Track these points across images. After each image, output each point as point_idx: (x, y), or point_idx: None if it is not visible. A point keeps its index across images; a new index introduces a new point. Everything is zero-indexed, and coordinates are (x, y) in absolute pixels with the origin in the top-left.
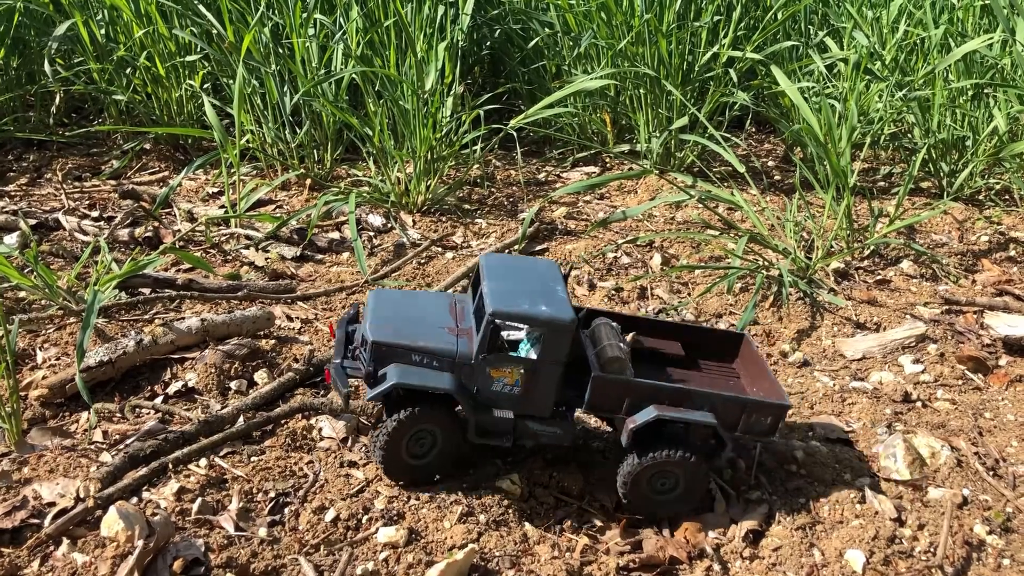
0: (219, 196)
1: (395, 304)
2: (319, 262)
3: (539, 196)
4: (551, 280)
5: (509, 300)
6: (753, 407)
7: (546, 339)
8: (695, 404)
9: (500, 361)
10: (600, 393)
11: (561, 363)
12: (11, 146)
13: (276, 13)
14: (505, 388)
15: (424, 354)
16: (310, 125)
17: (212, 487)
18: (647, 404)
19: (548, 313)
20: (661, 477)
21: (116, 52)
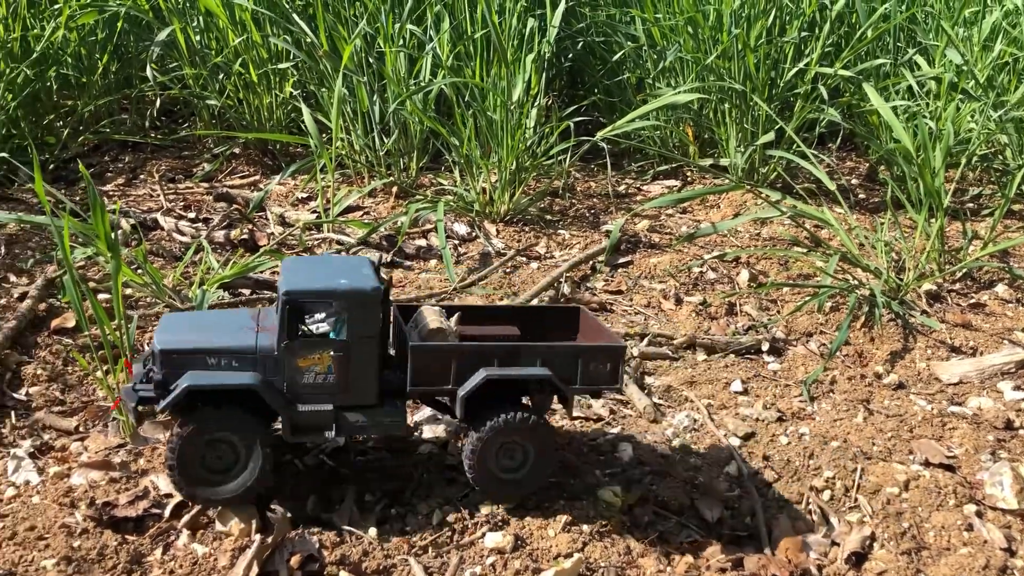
0: (308, 201)
1: (187, 318)
2: (408, 268)
3: (620, 208)
4: (356, 265)
5: (305, 280)
6: (586, 353)
7: (351, 313)
8: (526, 361)
9: (306, 347)
10: (422, 366)
11: (373, 338)
12: (107, 148)
13: (369, 23)
14: (318, 378)
15: (220, 355)
16: (398, 134)
17: (324, 485)
18: (477, 370)
19: (347, 284)
20: (508, 452)
21: (212, 58)
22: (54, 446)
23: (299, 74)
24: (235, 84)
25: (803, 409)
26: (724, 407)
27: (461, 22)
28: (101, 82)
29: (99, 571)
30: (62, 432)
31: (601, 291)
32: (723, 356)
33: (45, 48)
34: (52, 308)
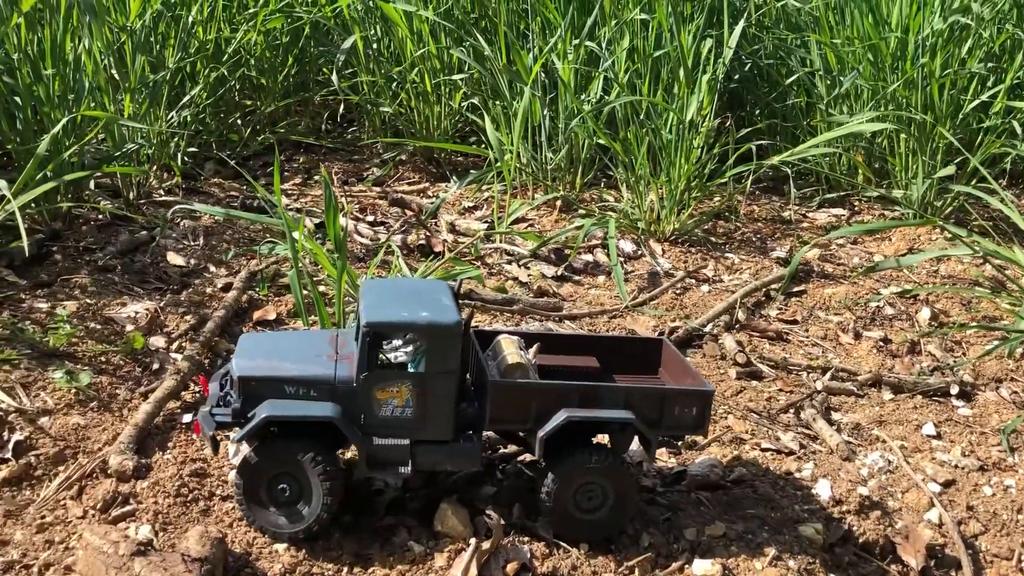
0: (474, 210)
1: (266, 341)
2: (577, 283)
3: (787, 235)
4: (436, 293)
5: (386, 310)
6: (672, 397)
7: (430, 347)
8: (609, 402)
9: (384, 379)
10: (501, 403)
11: (452, 373)
12: (282, 148)
13: (543, 38)
14: (395, 411)
15: (298, 384)
16: (567, 148)
17: (525, 493)
18: (557, 409)
19: (428, 318)
20: (587, 491)
21: (390, 67)
22: None
23: (468, 86)
24: (408, 93)
25: (1003, 459)
26: (918, 450)
27: (636, 41)
28: (281, 85)
29: (326, 560)
30: None
31: (775, 319)
32: (910, 396)
33: (236, 50)
34: (253, 300)
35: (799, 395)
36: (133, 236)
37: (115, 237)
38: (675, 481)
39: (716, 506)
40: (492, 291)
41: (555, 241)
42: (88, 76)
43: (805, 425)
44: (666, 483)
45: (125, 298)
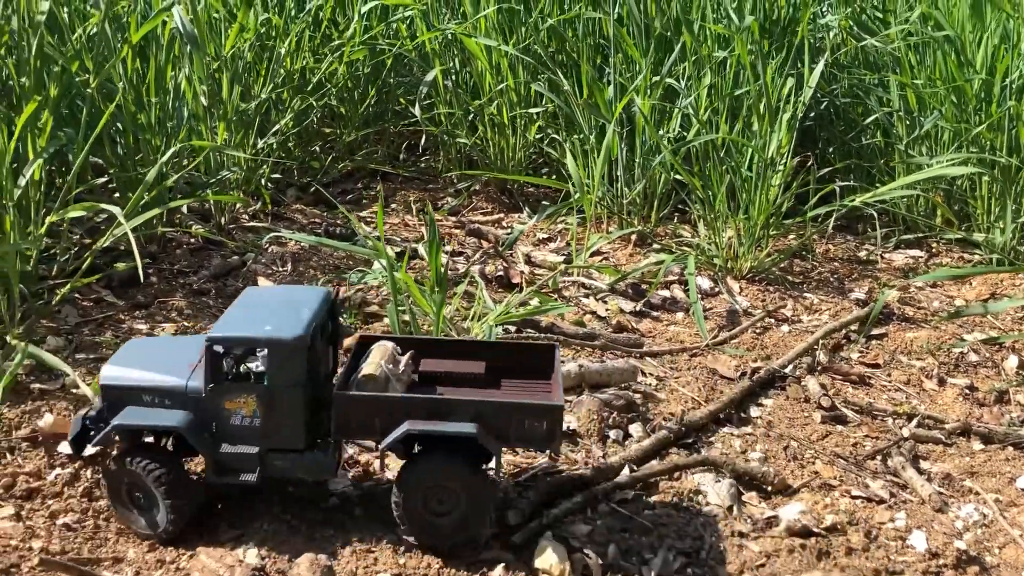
0: (548, 242)
1: (145, 347)
2: (656, 319)
3: (864, 275)
4: (302, 305)
5: (232, 324)
6: (522, 411)
7: (272, 360)
8: (457, 415)
9: (230, 391)
10: (345, 414)
11: (297, 386)
12: (359, 176)
13: (621, 74)
14: (244, 420)
15: (153, 392)
16: (644, 183)
17: (618, 533)
18: (402, 422)
19: (268, 333)
20: (438, 494)
21: (470, 100)
22: (359, 460)
23: (543, 119)
24: (485, 124)
25: None
26: (1013, 504)
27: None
28: (361, 114)
29: None
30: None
31: (857, 363)
32: (1001, 448)
33: (320, 80)
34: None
35: (886, 442)
36: (225, 261)
37: (208, 261)
38: (767, 526)
39: (811, 553)
40: (571, 325)
41: (632, 276)
42: (188, 105)
43: (893, 473)
44: (757, 528)
45: None
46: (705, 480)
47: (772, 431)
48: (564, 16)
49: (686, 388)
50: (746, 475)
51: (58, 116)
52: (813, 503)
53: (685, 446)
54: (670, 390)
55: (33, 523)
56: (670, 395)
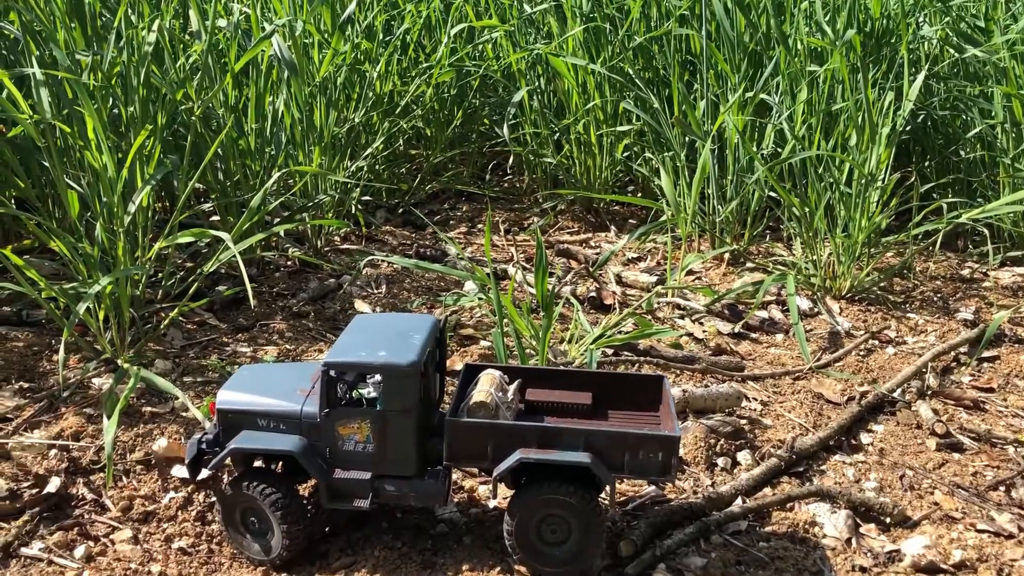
0: (639, 261)
1: (259, 373)
2: (755, 341)
3: (969, 294)
4: (412, 331)
5: (347, 350)
6: (636, 441)
7: (386, 386)
8: (568, 444)
9: (344, 416)
10: (457, 440)
11: (409, 411)
12: (445, 196)
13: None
14: (357, 446)
15: (268, 417)
16: (738, 201)
17: (733, 566)
18: (513, 449)
19: (383, 359)
20: (550, 523)
21: (556, 119)
22: (463, 486)
23: (630, 137)
24: (571, 143)
25: None
26: None
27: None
28: (447, 136)
29: None
30: (468, 474)
31: (969, 386)
32: None
33: (408, 103)
34: None
35: (1008, 471)
36: (322, 283)
37: (305, 284)
38: (890, 561)
39: None
40: (669, 347)
41: (729, 296)
42: (285, 130)
43: (1019, 505)
44: (879, 563)
45: (320, 344)
46: (820, 511)
47: (885, 459)
48: (653, 33)
49: (792, 413)
50: (863, 506)
51: (164, 143)
52: (937, 537)
53: (796, 475)
54: (775, 415)
55: (150, 546)
56: (776, 421)
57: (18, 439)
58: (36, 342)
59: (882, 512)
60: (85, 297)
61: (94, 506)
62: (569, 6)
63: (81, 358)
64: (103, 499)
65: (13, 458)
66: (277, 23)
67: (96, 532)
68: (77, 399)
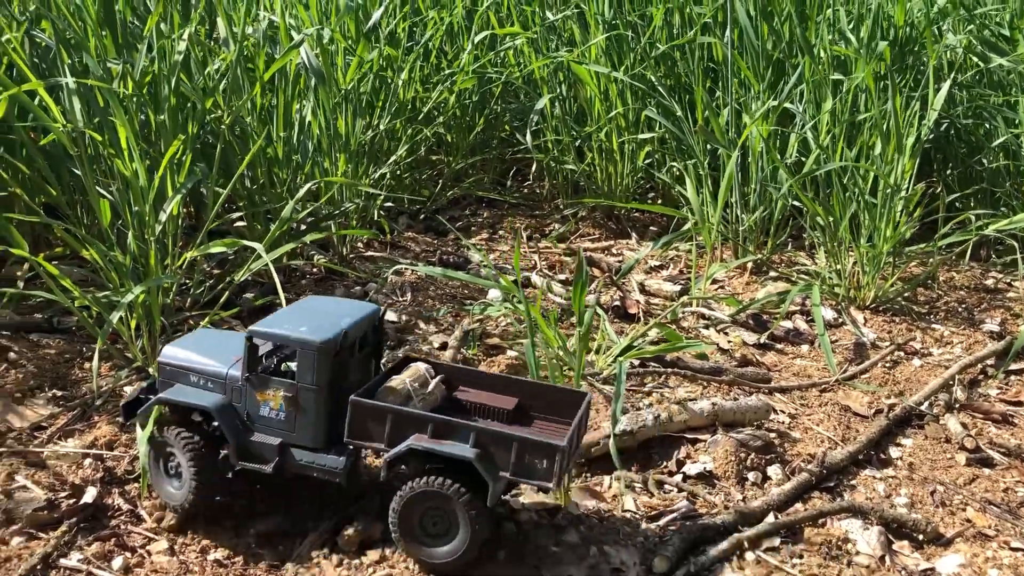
0: (661, 269)
1: (208, 337)
2: (780, 352)
3: (994, 305)
4: (344, 315)
5: (272, 322)
6: (522, 445)
7: (299, 361)
8: (459, 437)
9: (262, 383)
10: (359, 420)
11: (320, 388)
12: (466, 202)
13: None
14: (271, 413)
15: (200, 375)
16: (762, 210)
17: None
18: (409, 436)
19: (301, 334)
20: (434, 516)
21: (577, 126)
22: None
23: (652, 145)
24: (593, 151)
25: None
26: None
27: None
28: (468, 142)
29: None
30: None
31: (997, 399)
32: None
33: (431, 109)
34: (466, 360)
35: None
36: (348, 291)
37: (331, 291)
38: None
39: None
40: (695, 358)
41: (760, 308)
42: (312, 138)
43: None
44: None
45: None
46: (853, 527)
47: (915, 474)
48: (677, 42)
49: (820, 427)
50: (895, 522)
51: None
52: (972, 555)
53: (827, 490)
54: (804, 428)
55: (186, 558)
56: (804, 434)
57: (53, 448)
58: (67, 349)
59: (915, 529)
60: (119, 306)
61: (130, 516)
62: (592, 13)
63: (112, 366)
64: (138, 510)
65: (49, 467)
66: (306, 32)
67: (132, 543)
68: (109, 407)
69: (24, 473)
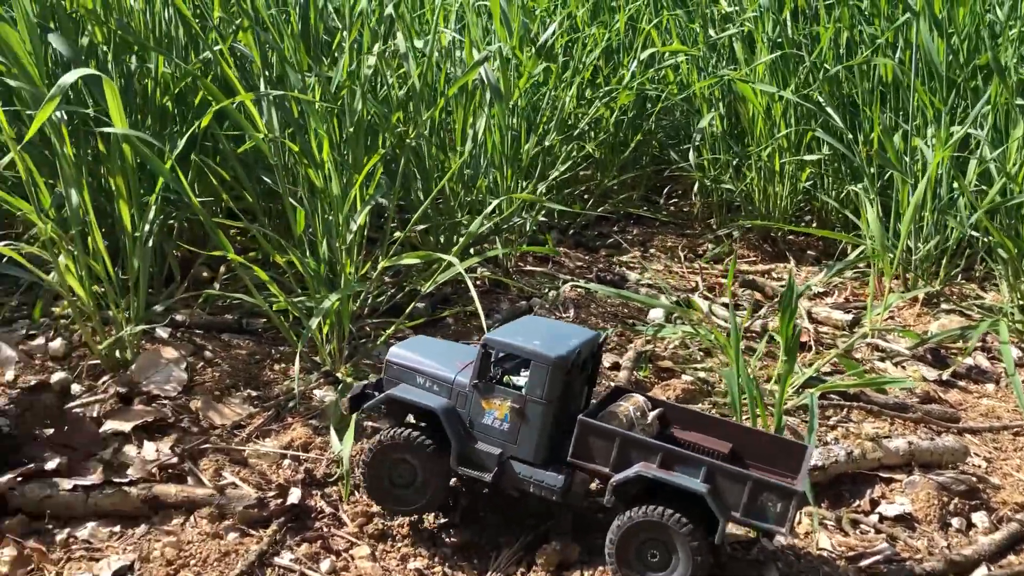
0: (825, 296)
1: (430, 343)
2: (963, 390)
3: None
4: (571, 336)
5: (506, 333)
6: (757, 485)
7: (532, 374)
8: (689, 470)
9: (489, 391)
10: (584, 441)
11: (548, 403)
12: (614, 219)
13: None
14: (495, 422)
15: (427, 377)
16: (937, 239)
17: None
18: (636, 462)
19: (535, 347)
20: (652, 546)
21: (736, 145)
22: None
23: (814, 166)
24: (754, 171)
25: None
26: None
27: None
28: (623, 158)
29: None
30: None
31: None
32: None
33: (586, 126)
34: (638, 381)
35: None
36: (513, 305)
37: (496, 304)
38: None
39: None
40: (875, 392)
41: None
42: (486, 152)
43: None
44: None
45: None
46: None
47: None
48: (849, 63)
49: (1021, 473)
50: None
51: None
52: None
53: None
54: (1003, 474)
55: (387, 564)
56: (1004, 480)
57: (253, 447)
58: (256, 350)
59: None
60: (316, 312)
61: (332, 520)
62: (759, 33)
63: (302, 369)
64: (340, 513)
65: (251, 465)
66: (489, 50)
67: (337, 546)
68: (301, 409)
69: (230, 470)
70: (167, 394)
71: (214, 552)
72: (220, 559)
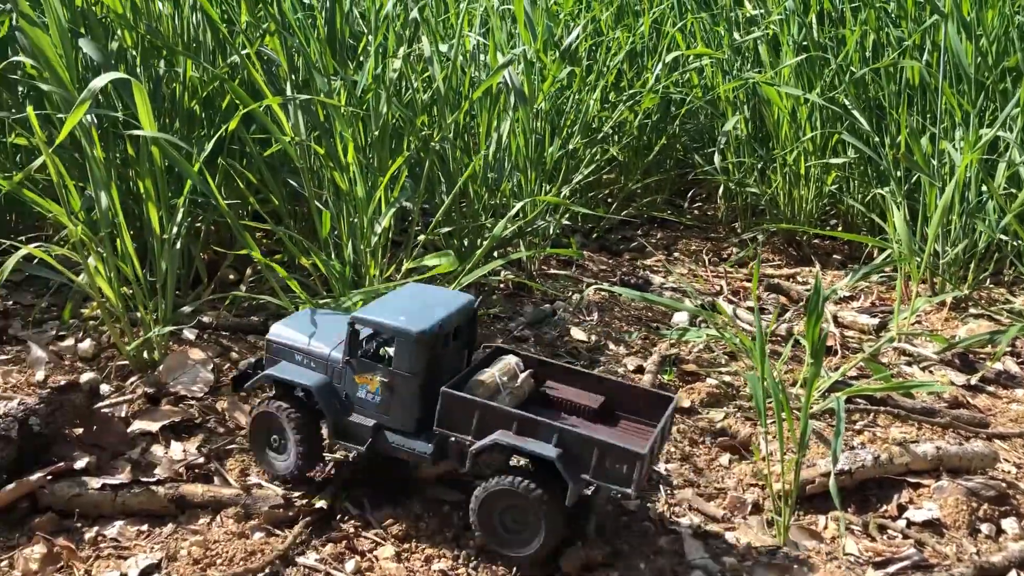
0: (851, 300)
1: (316, 317)
2: (992, 395)
3: None
4: (439, 305)
5: (373, 310)
6: (604, 449)
7: (396, 349)
8: (542, 436)
9: (360, 367)
10: (448, 410)
11: (414, 376)
12: (638, 222)
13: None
14: (368, 396)
15: (304, 355)
16: (965, 243)
17: None
18: (495, 430)
19: (399, 323)
20: (511, 513)
21: (761, 148)
22: (708, 531)
23: (841, 170)
24: (778, 174)
25: None
26: None
27: None
28: (644, 162)
29: None
30: (709, 518)
31: None
32: None
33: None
34: (662, 385)
35: None
36: (537, 308)
37: (520, 307)
38: None
39: None
40: (902, 396)
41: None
42: (510, 156)
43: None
44: None
45: None
46: None
47: None
48: (876, 66)
49: None
50: None
51: None
52: None
53: None
54: None
55: (411, 566)
56: None
57: None
58: None
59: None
60: None
61: (358, 520)
62: (785, 35)
63: None
64: (365, 513)
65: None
66: (514, 53)
67: (361, 547)
68: None
69: (256, 470)
70: (194, 395)
71: (240, 551)
72: (246, 558)
